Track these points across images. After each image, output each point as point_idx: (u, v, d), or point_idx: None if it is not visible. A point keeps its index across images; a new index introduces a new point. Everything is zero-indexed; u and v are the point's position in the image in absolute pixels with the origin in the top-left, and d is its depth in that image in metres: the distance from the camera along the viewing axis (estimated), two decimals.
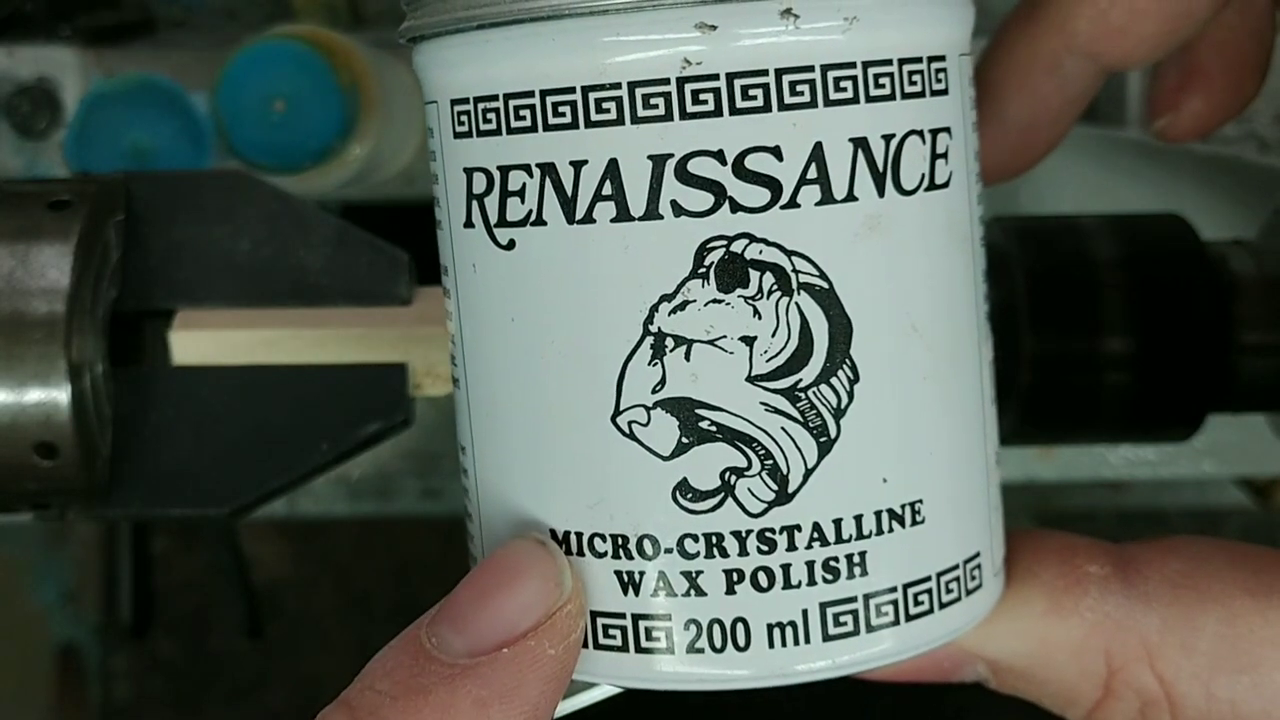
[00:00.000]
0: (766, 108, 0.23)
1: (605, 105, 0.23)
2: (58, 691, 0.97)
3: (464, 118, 0.24)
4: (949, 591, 0.25)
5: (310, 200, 0.33)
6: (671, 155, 0.23)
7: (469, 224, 0.25)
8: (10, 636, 0.96)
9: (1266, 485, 0.54)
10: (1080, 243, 0.37)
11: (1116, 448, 0.51)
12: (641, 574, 0.24)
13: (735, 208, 0.23)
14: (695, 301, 0.23)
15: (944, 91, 0.24)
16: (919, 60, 0.24)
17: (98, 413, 0.30)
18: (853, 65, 0.23)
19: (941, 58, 0.24)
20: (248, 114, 0.40)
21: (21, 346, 0.29)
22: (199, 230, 0.32)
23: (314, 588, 1.09)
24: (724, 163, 0.23)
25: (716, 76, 0.22)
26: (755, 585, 0.24)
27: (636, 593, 0.24)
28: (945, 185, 0.24)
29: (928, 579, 0.24)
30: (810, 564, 0.24)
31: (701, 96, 0.22)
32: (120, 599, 0.93)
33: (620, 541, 0.24)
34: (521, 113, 0.23)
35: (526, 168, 0.23)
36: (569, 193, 0.23)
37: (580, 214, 0.23)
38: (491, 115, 0.24)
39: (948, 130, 0.24)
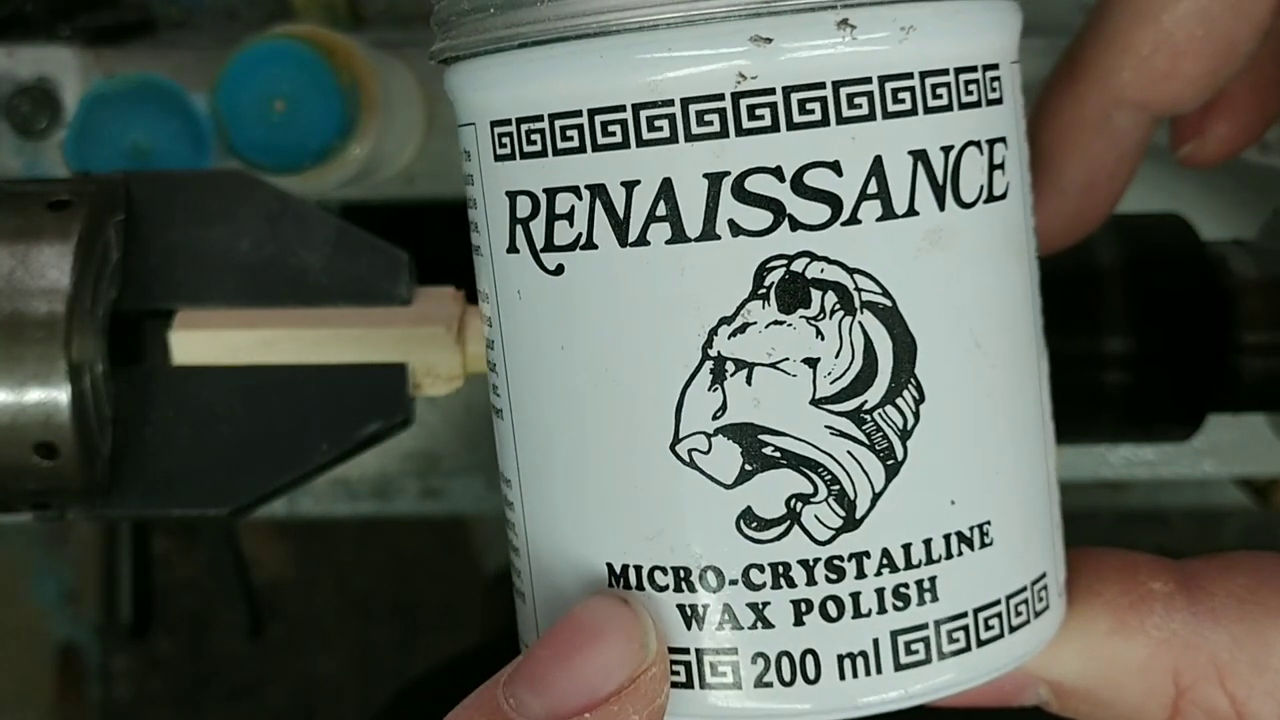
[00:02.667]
0: (825, 121, 0.22)
1: (658, 123, 0.22)
2: (58, 691, 0.97)
3: (505, 140, 0.23)
4: (1018, 614, 0.24)
5: (310, 200, 0.33)
6: (728, 173, 0.22)
7: (513, 249, 0.24)
8: (10, 636, 0.96)
9: (1266, 485, 0.54)
10: (1081, 242, 0.37)
11: (1116, 448, 0.51)
12: (705, 607, 0.23)
13: (795, 225, 0.22)
14: (756, 323, 0.22)
15: (999, 100, 0.24)
16: (974, 69, 0.23)
17: (98, 413, 0.30)
18: (910, 76, 0.22)
19: (995, 66, 0.24)
20: (248, 114, 0.40)
21: (21, 346, 0.29)
22: (199, 230, 0.32)
23: (314, 588, 1.09)
24: (782, 179, 0.22)
25: (772, 90, 0.22)
26: (824, 615, 0.23)
27: (700, 627, 0.23)
28: (1003, 197, 0.24)
29: (997, 602, 0.24)
30: (880, 591, 0.23)
31: (758, 111, 0.22)
32: (120, 599, 0.94)
33: (682, 574, 0.23)
34: (569, 133, 0.23)
35: (575, 189, 0.23)
36: (621, 214, 0.22)
37: (633, 236, 0.22)
38: (536, 136, 0.23)
39: (1004, 140, 0.24)
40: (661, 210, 0.22)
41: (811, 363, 0.23)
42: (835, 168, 0.22)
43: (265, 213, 0.32)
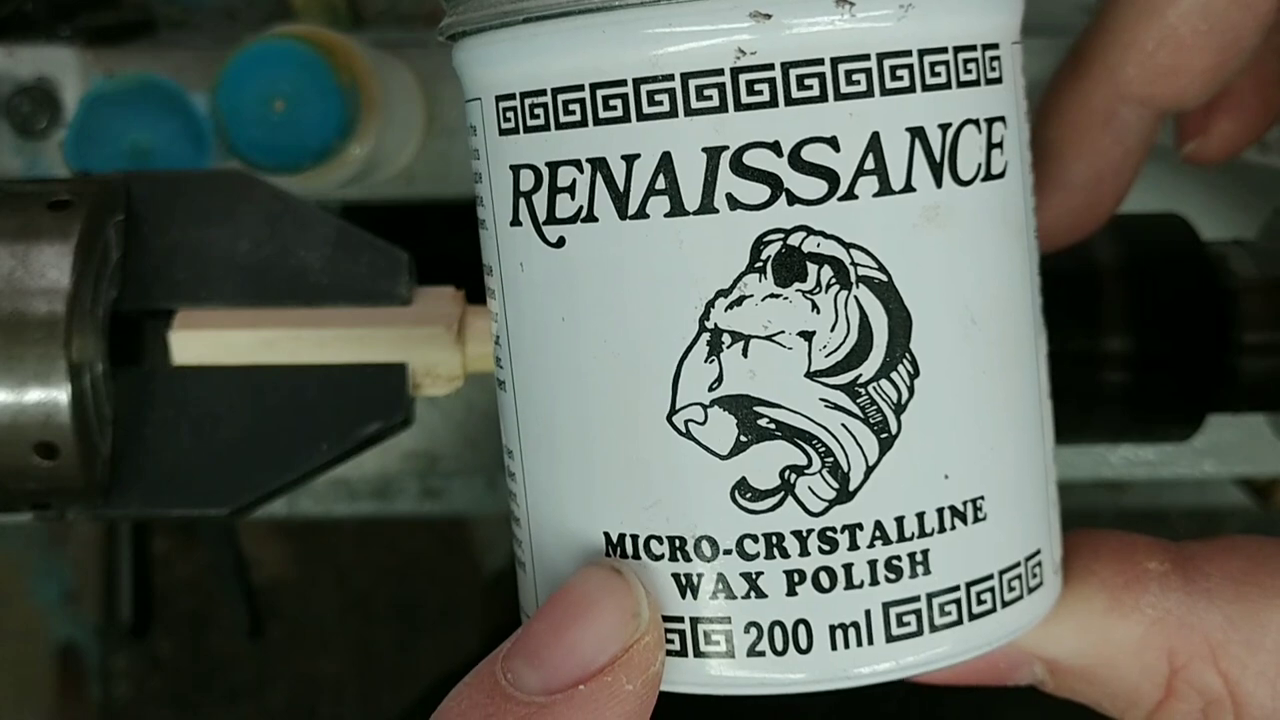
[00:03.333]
0: (823, 97, 0.22)
1: (658, 97, 0.22)
2: (58, 691, 0.97)
3: (510, 114, 0.24)
4: (1011, 590, 0.24)
5: (310, 200, 0.33)
6: (726, 147, 0.22)
7: (516, 222, 0.24)
8: (10, 636, 0.96)
9: (1266, 485, 0.54)
10: (1081, 242, 0.37)
11: (1116, 448, 0.51)
12: (700, 576, 0.23)
13: (792, 200, 0.22)
14: (752, 296, 0.23)
15: (998, 80, 0.24)
16: (974, 48, 0.23)
17: (98, 413, 0.30)
18: (909, 53, 0.22)
19: (995, 45, 0.24)
20: (248, 114, 0.40)
21: (21, 346, 0.29)
22: (199, 230, 0.32)
23: (314, 588, 1.09)
24: (780, 154, 0.22)
25: (771, 66, 0.22)
26: (817, 586, 0.23)
27: (695, 595, 0.23)
28: (1001, 175, 0.24)
29: (990, 577, 0.24)
30: (873, 563, 0.23)
31: (756, 87, 0.22)
32: (120, 599, 0.93)
33: (677, 543, 0.23)
34: (571, 107, 0.23)
35: (576, 163, 0.23)
36: (621, 188, 0.23)
37: (633, 209, 0.23)
38: (539, 110, 0.23)
39: (1002, 120, 0.24)
40: (660, 184, 0.23)
41: (807, 336, 0.23)
42: (833, 143, 0.22)
43: (265, 213, 0.32)
